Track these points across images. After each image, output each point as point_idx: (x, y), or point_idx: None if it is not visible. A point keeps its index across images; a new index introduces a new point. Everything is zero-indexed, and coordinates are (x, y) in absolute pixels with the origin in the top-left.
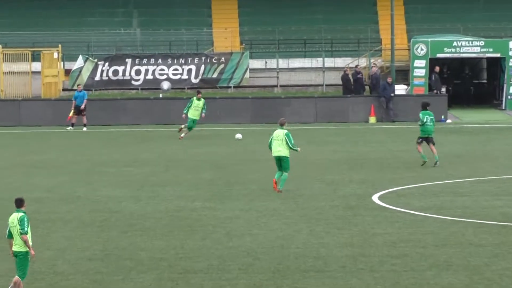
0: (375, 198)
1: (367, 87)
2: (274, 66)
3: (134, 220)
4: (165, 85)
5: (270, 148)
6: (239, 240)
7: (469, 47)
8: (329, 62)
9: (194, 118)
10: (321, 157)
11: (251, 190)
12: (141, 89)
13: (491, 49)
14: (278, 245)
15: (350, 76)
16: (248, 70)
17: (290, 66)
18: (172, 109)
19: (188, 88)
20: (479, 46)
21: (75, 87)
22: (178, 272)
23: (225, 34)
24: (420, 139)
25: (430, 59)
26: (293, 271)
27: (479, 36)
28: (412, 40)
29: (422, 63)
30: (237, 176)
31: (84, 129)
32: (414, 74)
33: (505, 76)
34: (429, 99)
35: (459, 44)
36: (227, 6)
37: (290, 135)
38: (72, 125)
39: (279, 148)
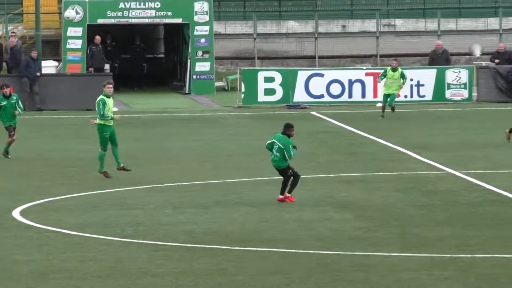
0: (16, 213)
1: (4, 64)
2: None
3: None
4: None
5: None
6: None
7: (141, 9)
8: None
9: None
10: None
11: None
12: None
13: (170, 13)
14: None
15: None
16: None
17: None
18: None
19: None
20: (154, 9)
21: None
22: None
23: None
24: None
25: (88, 26)
26: None
27: None
28: (63, 0)
29: (78, 31)
30: None
31: None
32: (68, 46)
33: (189, 49)
34: (85, 80)
35: (127, 6)
36: None
37: None
38: None
39: None
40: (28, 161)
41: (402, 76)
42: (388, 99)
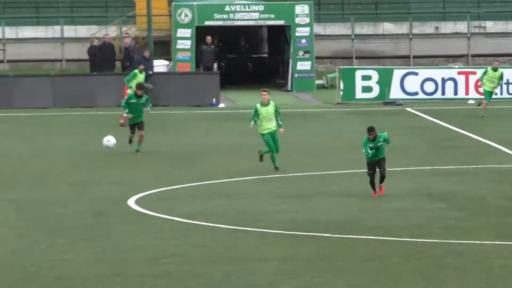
0: (131, 202)
1: (118, 63)
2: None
3: None
4: None
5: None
6: None
7: (246, 12)
8: (70, 31)
9: None
10: (63, 152)
11: None
12: None
13: (273, 16)
14: (8, 263)
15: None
16: None
17: (20, 36)
18: None
19: None
20: (258, 11)
21: None
22: None
23: None
24: None
25: (197, 27)
26: None
27: None
28: (173, 3)
29: (187, 32)
30: None
31: None
32: (178, 46)
33: (291, 50)
34: (198, 78)
35: (233, 9)
36: None
37: None
38: None
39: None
40: (141, 155)
41: (501, 77)
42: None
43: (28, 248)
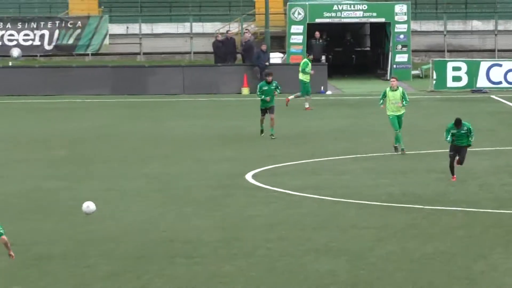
0: (248, 176)
1: (239, 55)
2: (137, 31)
3: None
4: (15, 52)
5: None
6: (99, 224)
7: (351, 11)
8: (198, 27)
9: None
10: (190, 133)
11: (112, 168)
12: None
13: (374, 14)
14: (142, 228)
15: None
16: (108, 36)
17: (155, 32)
18: (24, 78)
19: (40, 56)
20: (362, 10)
21: None
22: (32, 258)
23: None
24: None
25: (308, 24)
26: (159, 257)
27: None
28: (288, 3)
29: (299, 28)
30: (95, 153)
31: None
32: (291, 41)
33: (390, 44)
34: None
35: (340, 8)
36: None
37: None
38: None
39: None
40: (256, 135)
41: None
42: None
43: (159, 216)
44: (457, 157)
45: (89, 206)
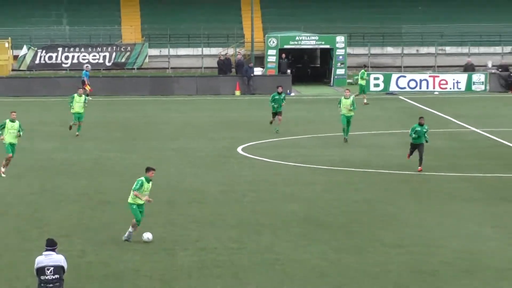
0: (239, 149)
1: (233, 70)
2: (166, 53)
3: (63, 166)
4: (87, 67)
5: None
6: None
7: (307, 40)
8: (207, 51)
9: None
10: (202, 121)
11: (151, 144)
12: (69, 69)
13: (323, 42)
14: (170, 185)
15: (222, 61)
16: (147, 56)
17: (178, 54)
18: (92, 84)
19: (103, 69)
20: (314, 40)
21: (21, 68)
22: (98, 203)
23: (131, 30)
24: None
25: (279, 49)
26: (180, 202)
27: (314, 33)
28: (266, 35)
29: (273, 52)
30: (140, 134)
31: None
32: (268, 60)
33: (333, 62)
34: (278, 78)
35: (300, 39)
36: (132, 9)
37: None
38: None
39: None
40: (243, 123)
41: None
42: None
43: (181, 175)
44: (419, 167)
45: (148, 237)
